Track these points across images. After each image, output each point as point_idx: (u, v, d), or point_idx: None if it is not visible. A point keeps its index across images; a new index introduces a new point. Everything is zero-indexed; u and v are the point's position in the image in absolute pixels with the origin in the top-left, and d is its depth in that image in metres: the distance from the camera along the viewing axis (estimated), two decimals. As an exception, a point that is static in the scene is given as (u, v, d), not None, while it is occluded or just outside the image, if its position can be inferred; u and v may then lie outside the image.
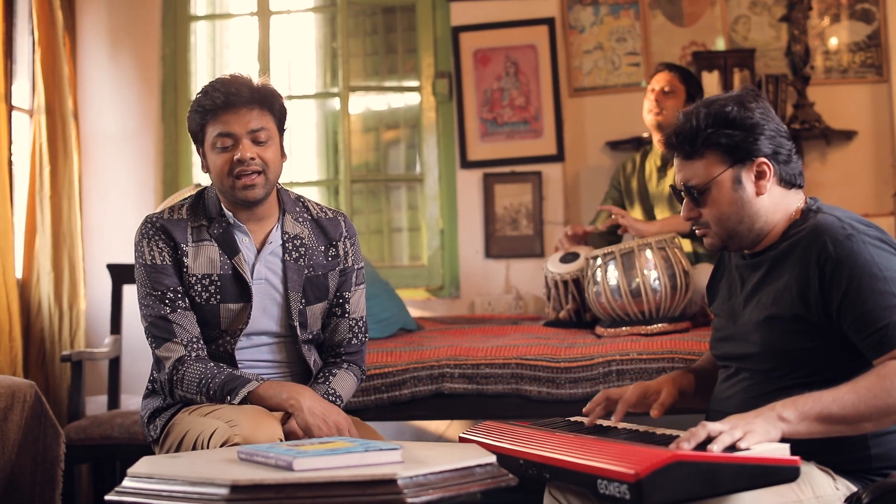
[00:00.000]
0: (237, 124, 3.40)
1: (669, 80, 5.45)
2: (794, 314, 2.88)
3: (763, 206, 2.99)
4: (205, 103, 3.43)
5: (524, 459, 2.82)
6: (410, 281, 6.61)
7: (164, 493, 2.48)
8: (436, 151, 6.68)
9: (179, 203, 3.59)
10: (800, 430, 2.66)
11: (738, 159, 2.96)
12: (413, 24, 6.81)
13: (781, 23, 6.30)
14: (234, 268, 3.46)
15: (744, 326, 3.04)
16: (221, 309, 3.46)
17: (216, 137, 3.41)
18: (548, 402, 4.45)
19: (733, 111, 2.96)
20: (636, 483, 2.39)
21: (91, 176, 6.53)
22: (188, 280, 3.45)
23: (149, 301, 3.46)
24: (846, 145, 6.24)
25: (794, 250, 2.93)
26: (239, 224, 3.50)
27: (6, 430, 3.85)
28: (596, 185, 6.37)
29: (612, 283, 4.78)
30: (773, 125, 2.98)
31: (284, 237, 3.56)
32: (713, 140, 2.97)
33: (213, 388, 3.32)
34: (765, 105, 3.01)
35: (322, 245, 3.62)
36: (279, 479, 2.41)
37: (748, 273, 3.09)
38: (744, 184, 2.97)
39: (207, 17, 7.09)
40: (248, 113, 3.42)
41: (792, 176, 3.01)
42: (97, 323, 6.28)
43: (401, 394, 4.52)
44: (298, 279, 3.53)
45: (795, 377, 2.88)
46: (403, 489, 2.40)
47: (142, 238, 3.50)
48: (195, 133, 3.51)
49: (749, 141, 2.95)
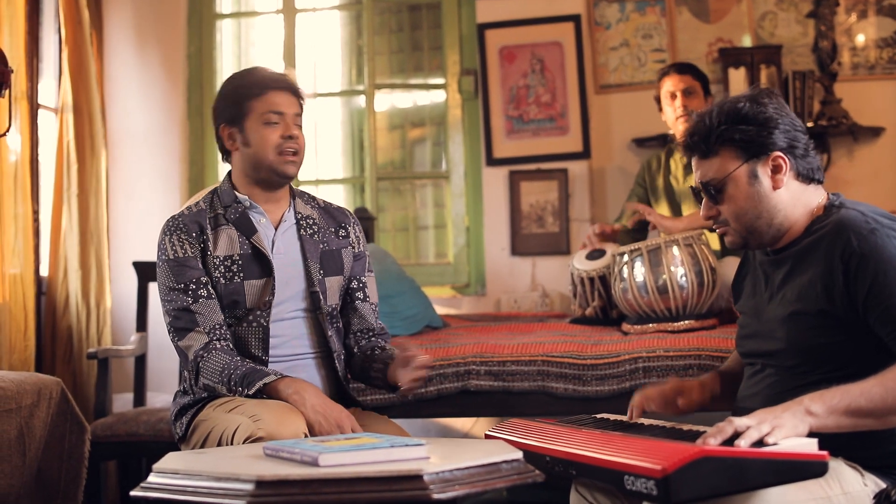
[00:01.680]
0: (286, 105, 3.61)
1: (686, 81, 5.42)
2: (819, 309, 2.86)
3: (781, 200, 2.98)
4: (251, 82, 3.63)
5: (550, 456, 2.80)
6: (436, 278, 6.60)
7: (190, 489, 2.49)
8: (461, 149, 6.67)
9: (195, 201, 3.71)
10: (828, 424, 2.64)
11: (752, 154, 2.96)
12: (438, 21, 6.81)
13: (808, 19, 6.26)
14: (253, 246, 3.56)
15: (769, 323, 3.02)
16: (246, 286, 3.53)
17: (268, 113, 3.58)
18: (574, 399, 4.43)
19: (745, 107, 2.96)
20: (663, 479, 2.37)
21: (117, 174, 6.55)
22: (213, 262, 3.53)
23: (171, 296, 3.52)
24: (874, 142, 6.19)
25: (818, 246, 2.91)
26: (255, 205, 3.63)
27: (32, 426, 3.86)
28: (622, 182, 6.35)
29: (639, 280, 4.76)
30: (787, 119, 2.98)
31: (298, 216, 3.70)
32: (727, 136, 2.97)
33: (235, 380, 3.36)
34: (779, 101, 3.00)
35: (332, 227, 3.77)
36: (304, 474, 2.40)
37: (772, 270, 3.08)
38: (760, 178, 2.96)
39: (233, 15, 7.10)
40: (290, 97, 3.64)
41: (809, 170, 3.00)
42: (123, 320, 6.29)
43: (427, 391, 4.51)
44: (315, 251, 3.66)
45: (821, 372, 2.86)
46: (429, 485, 2.38)
47: (164, 235, 3.59)
48: (234, 110, 3.63)
49: (763, 135, 2.94)
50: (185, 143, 6.67)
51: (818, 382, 2.79)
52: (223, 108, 3.66)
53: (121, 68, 6.62)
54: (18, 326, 5.34)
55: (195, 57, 6.77)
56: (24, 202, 5.42)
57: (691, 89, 5.40)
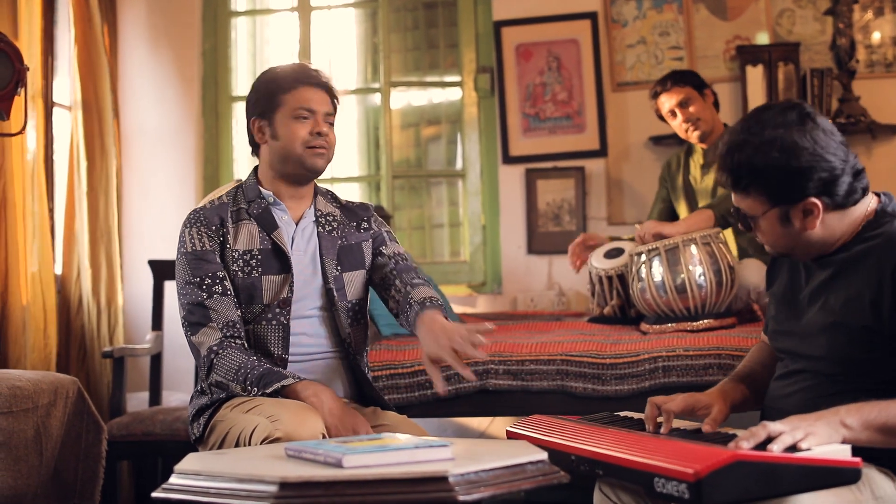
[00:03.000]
0: (318, 102, 3.61)
1: (678, 93, 5.39)
2: (864, 325, 2.79)
3: (816, 235, 2.88)
4: (284, 76, 3.64)
5: (576, 455, 2.78)
6: (452, 277, 6.58)
7: (213, 490, 2.46)
8: (477, 147, 6.64)
9: (219, 195, 3.73)
10: (860, 439, 2.60)
11: (782, 201, 2.85)
12: (454, 18, 6.77)
13: (826, 16, 6.22)
14: (273, 242, 3.56)
15: (807, 326, 2.96)
16: (263, 281, 3.52)
17: (299, 109, 3.58)
18: (593, 398, 4.40)
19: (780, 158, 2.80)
20: (696, 482, 2.34)
21: (132, 172, 6.55)
22: (231, 256, 3.53)
23: (186, 290, 3.51)
24: (892, 139, 6.15)
25: (868, 258, 2.85)
26: (278, 202, 3.63)
27: (49, 425, 3.85)
28: (639, 180, 6.33)
29: (657, 279, 4.74)
30: (821, 165, 2.80)
31: (318, 213, 3.70)
32: (754, 181, 2.86)
33: (252, 380, 3.33)
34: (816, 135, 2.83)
35: (353, 222, 3.76)
36: (329, 476, 2.38)
37: (814, 267, 3.00)
38: (792, 221, 2.87)
39: (248, 13, 7.09)
40: (323, 94, 3.64)
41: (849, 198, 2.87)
42: (138, 319, 6.28)
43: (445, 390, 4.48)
44: (332, 247, 3.65)
45: (860, 383, 2.81)
46: (455, 486, 2.36)
47: (185, 227, 3.59)
48: (265, 103, 3.63)
49: (792, 188, 2.82)
50: (200, 140, 6.66)
51: (855, 392, 2.76)
52: (255, 101, 3.66)
53: (135, 66, 6.62)
54: (38, 325, 5.33)
55: (210, 55, 6.75)
56: (40, 201, 5.41)
57: (686, 99, 5.38)
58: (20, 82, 4.26)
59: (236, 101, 6.80)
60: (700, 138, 5.38)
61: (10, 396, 3.68)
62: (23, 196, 5.25)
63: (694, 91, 5.37)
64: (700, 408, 3.08)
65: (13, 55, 4.23)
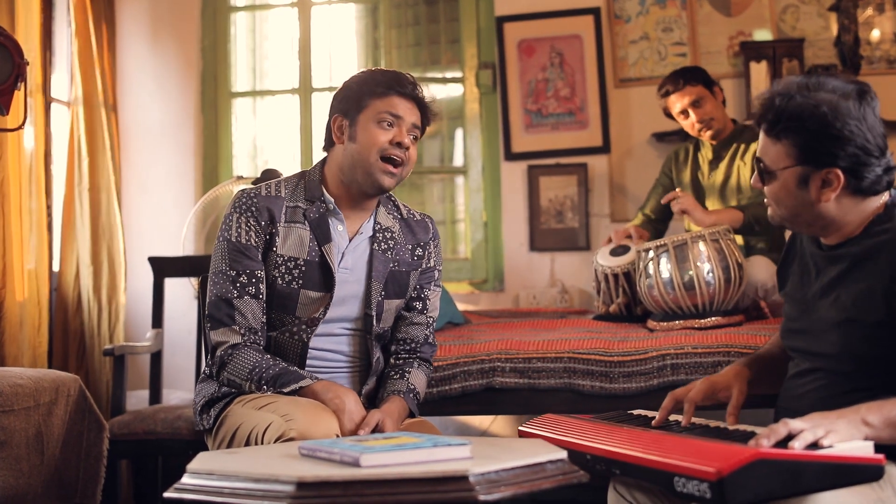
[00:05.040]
0: (407, 112, 3.48)
1: (689, 93, 5.32)
2: (878, 321, 2.77)
3: (827, 211, 2.86)
4: (382, 80, 3.50)
5: (592, 454, 2.75)
6: (454, 274, 6.54)
7: (227, 490, 2.41)
8: (479, 143, 6.60)
9: (276, 181, 3.57)
10: (882, 437, 2.58)
11: (809, 161, 2.82)
12: (456, 14, 6.74)
13: (830, 12, 6.18)
14: (321, 255, 3.44)
15: (819, 323, 2.94)
16: (301, 295, 3.43)
17: (384, 113, 3.45)
18: (601, 396, 4.36)
19: (825, 114, 2.78)
20: (718, 481, 2.30)
21: (131, 168, 6.51)
22: (275, 260, 3.42)
23: (219, 279, 3.42)
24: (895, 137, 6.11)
25: (879, 252, 2.82)
26: (337, 211, 3.50)
27: (51, 424, 3.82)
28: (642, 176, 6.28)
29: (665, 276, 4.70)
30: (861, 140, 2.78)
31: (377, 227, 3.57)
32: (793, 133, 2.82)
33: (266, 379, 3.28)
34: (865, 113, 2.80)
35: (410, 244, 3.64)
36: (346, 475, 2.33)
37: (824, 264, 2.98)
38: (809, 187, 2.84)
39: (247, 8, 7.04)
40: (414, 108, 3.50)
41: (871, 187, 2.84)
42: (137, 316, 6.24)
43: (451, 388, 4.45)
44: (384, 270, 3.54)
45: (875, 380, 2.79)
46: (475, 486, 2.32)
47: (233, 211, 3.46)
48: (352, 103, 3.50)
49: (826, 150, 2.80)
50: (199, 136, 6.63)
51: (870, 389, 2.74)
52: (343, 98, 3.53)
53: (134, 62, 6.59)
54: (34, 323, 5.28)
55: (209, 50, 6.71)
56: (38, 197, 5.37)
57: (698, 99, 5.30)
58: (20, 77, 4.21)
59: (236, 97, 6.77)
60: (713, 137, 5.32)
61: (10, 395, 3.65)
62: (20, 192, 5.21)
63: (705, 90, 5.30)
64: (719, 389, 3.10)
65: (13, 49, 4.17)
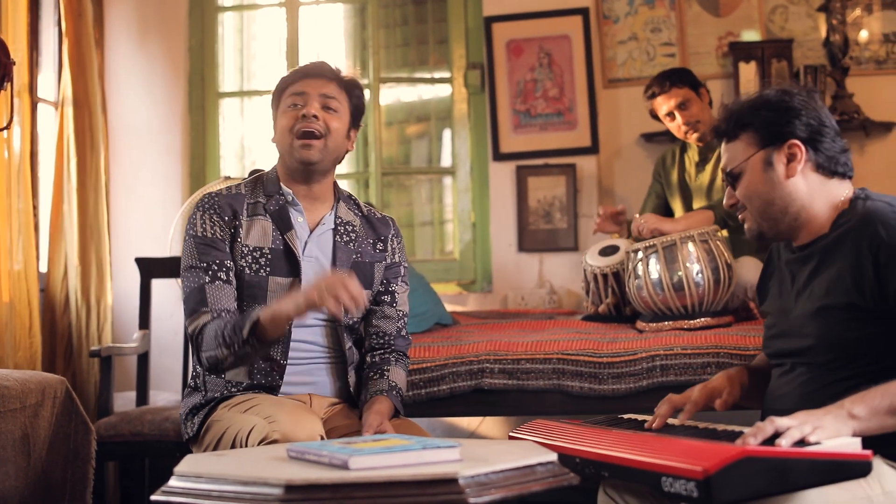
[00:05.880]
0: (313, 87, 3.52)
1: (676, 95, 5.33)
2: (849, 303, 2.82)
3: (797, 189, 2.97)
4: (293, 72, 3.60)
5: (580, 458, 2.75)
6: (442, 275, 6.52)
7: (215, 493, 2.40)
8: (468, 143, 6.59)
9: (237, 183, 3.64)
10: (871, 427, 2.60)
11: (769, 141, 2.98)
12: (444, 14, 6.72)
13: (819, 13, 6.18)
14: (285, 243, 3.48)
15: (797, 320, 2.99)
16: (270, 282, 3.45)
17: (291, 96, 3.51)
18: (590, 397, 4.37)
19: (771, 95, 3.01)
20: (705, 480, 2.31)
21: (118, 168, 6.49)
22: (241, 251, 3.45)
23: (190, 273, 3.45)
24: (885, 137, 6.12)
25: (845, 239, 2.89)
26: (296, 202, 3.55)
27: (37, 426, 3.80)
28: (631, 177, 6.29)
29: (654, 277, 4.69)
30: (813, 113, 2.98)
31: (338, 221, 3.61)
32: (747, 120, 3.01)
33: (227, 336, 3.26)
34: (810, 96, 3.02)
35: (371, 238, 3.67)
36: (335, 478, 2.32)
37: (798, 267, 3.05)
38: (774, 166, 2.98)
39: (235, 8, 7.01)
40: (327, 83, 3.54)
41: (832, 163, 2.98)
42: (124, 318, 6.21)
43: (439, 389, 4.44)
44: (347, 260, 3.56)
45: (855, 367, 2.82)
46: (465, 488, 2.31)
47: (197, 210, 3.51)
48: (275, 100, 3.60)
49: (781, 123, 2.96)
50: (187, 137, 6.60)
51: (852, 378, 2.78)
52: (272, 99, 3.63)
53: (122, 62, 6.56)
54: (23, 324, 5.25)
55: (197, 50, 6.69)
56: (25, 197, 5.33)
57: (685, 101, 5.31)
58: (7, 77, 4.19)
59: (223, 98, 6.75)
60: (699, 138, 5.33)
61: (-4, 396, 3.62)
62: (7, 193, 5.18)
63: (692, 92, 5.31)
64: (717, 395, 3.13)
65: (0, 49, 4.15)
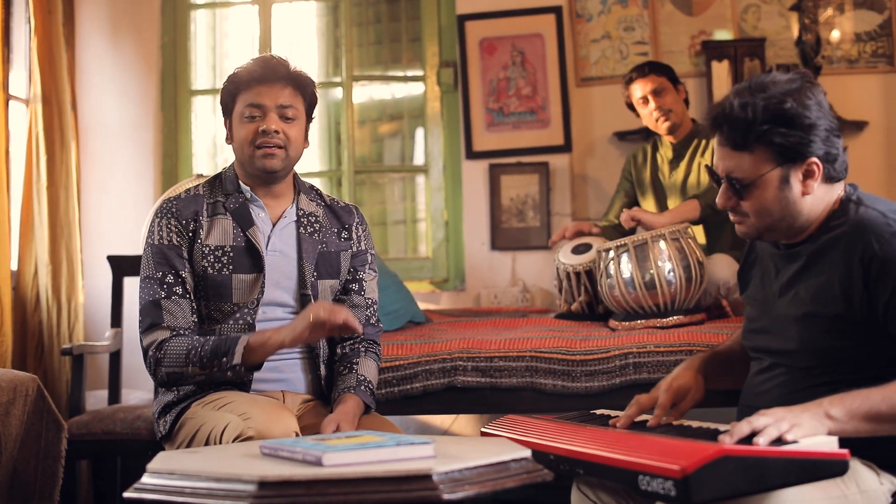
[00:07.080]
0: (268, 97, 3.49)
1: (653, 81, 5.35)
2: (836, 313, 2.80)
3: (806, 204, 2.89)
4: (241, 75, 3.54)
5: (555, 455, 2.74)
6: (415, 273, 6.52)
7: (188, 490, 2.39)
8: (440, 142, 6.59)
9: (196, 185, 3.64)
10: (846, 430, 2.60)
11: (788, 159, 2.85)
12: (417, 12, 6.72)
13: (791, 12, 6.20)
14: (247, 239, 3.49)
15: (779, 320, 2.96)
16: (234, 280, 3.46)
17: (246, 107, 3.50)
18: (563, 395, 4.36)
19: (792, 108, 2.82)
20: (683, 479, 2.31)
21: (90, 166, 6.45)
22: (202, 251, 3.45)
23: (146, 284, 3.46)
24: (857, 136, 6.14)
25: (836, 246, 2.85)
26: (255, 198, 3.56)
27: (8, 424, 3.79)
28: (604, 175, 6.30)
29: (626, 276, 4.69)
30: (826, 122, 2.85)
31: (300, 213, 3.62)
32: (767, 137, 2.84)
33: (205, 356, 3.28)
34: (820, 99, 2.87)
35: (335, 227, 3.69)
36: (309, 474, 2.32)
37: (783, 263, 3.01)
38: (791, 183, 2.86)
39: (207, 6, 6.99)
40: (281, 89, 3.51)
41: (838, 172, 2.90)
42: (96, 316, 6.19)
43: (412, 387, 4.43)
44: (313, 251, 3.57)
45: (836, 374, 2.81)
46: (439, 485, 2.31)
47: (155, 217, 3.53)
48: (226, 104, 3.59)
49: (803, 143, 2.82)
50: (159, 135, 6.57)
51: (832, 384, 2.76)
52: (222, 99, 3.62)
53: (93, 59, 6.52)
54: (-4, 322, 5.22)
55: (169, 48, 6.66)
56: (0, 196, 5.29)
57: (660, 88, 5.34)
58: (-23, 73, 4.16)
59: (195, 95, 6.73)
60: (669, 130, 5.34)
61: (-33, 395, 3.61)
62: (-19, 191, 5.15)
63: (669, 83, 5.34)
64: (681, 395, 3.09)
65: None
